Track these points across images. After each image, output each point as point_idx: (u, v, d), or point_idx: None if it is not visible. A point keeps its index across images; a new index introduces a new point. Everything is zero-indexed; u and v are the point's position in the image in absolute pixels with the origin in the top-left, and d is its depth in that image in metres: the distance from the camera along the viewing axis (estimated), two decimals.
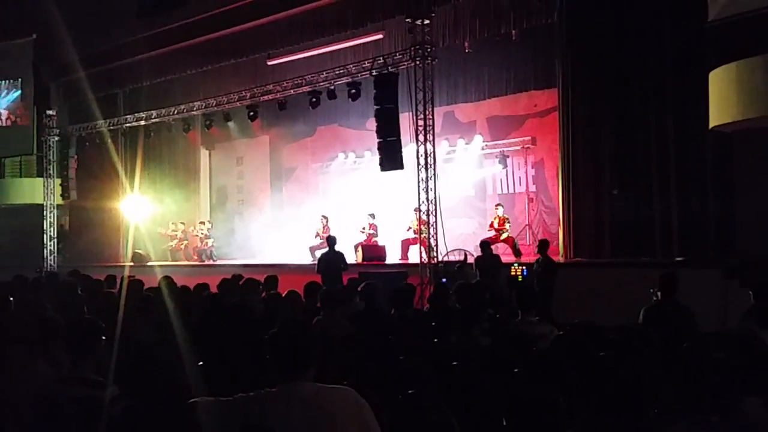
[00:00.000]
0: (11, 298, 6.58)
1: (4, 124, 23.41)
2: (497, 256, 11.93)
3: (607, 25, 12.28)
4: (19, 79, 23.04)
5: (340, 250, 12.02)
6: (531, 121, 15.92)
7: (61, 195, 19.38)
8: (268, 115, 17.53)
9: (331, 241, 12.11)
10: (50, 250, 19.54)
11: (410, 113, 12.86)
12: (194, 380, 3.79)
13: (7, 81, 23.31)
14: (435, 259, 12.64)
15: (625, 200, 12.06)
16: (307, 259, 15.78)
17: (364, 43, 14.87)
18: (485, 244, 11.90)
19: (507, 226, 14.27)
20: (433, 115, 12.85)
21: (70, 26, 18.79)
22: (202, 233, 18.37)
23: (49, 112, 19.80)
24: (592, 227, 12.47)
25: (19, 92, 23.13)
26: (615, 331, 4.51)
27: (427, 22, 12.61)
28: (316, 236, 16.13)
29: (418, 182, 12.80)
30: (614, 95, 12.26)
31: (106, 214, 19.90)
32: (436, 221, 12.77)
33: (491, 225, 14.59)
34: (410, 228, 14.64)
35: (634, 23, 11.96)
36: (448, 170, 16.19)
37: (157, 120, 17.76)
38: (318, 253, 15.90)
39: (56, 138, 19.52)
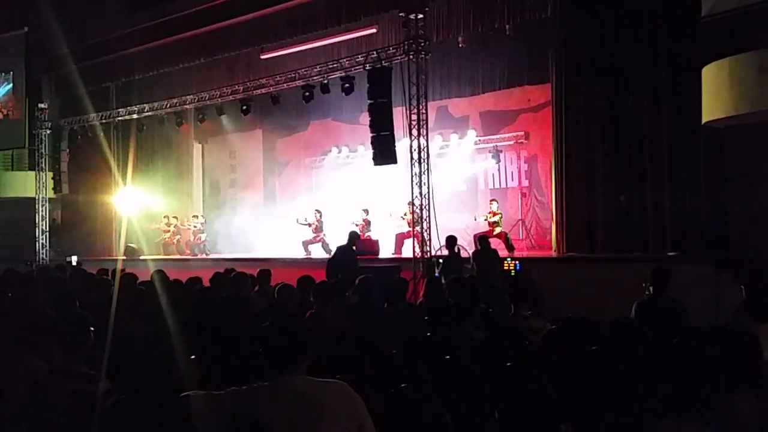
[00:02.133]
0: (6, 293, 6.56)
1: None
2: (495, 251, 11.92)
3: (600, 21, 12.28)
4: (11, 72, 22.94)
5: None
6: (524, 116, 15.90)
7: (53, 188, 19.32)
8: (261, 109, 17.46)
9: (352, 236, 12.04)
10: (42, 243, 19.46)
11: (404, 108, 12.85)
12: (186, 374, 3.79)
13: None
14: (428, 253, 12.65)
15: (618, 195, 12.08)
16: (299, 253, 15.76)
17: (357, 38, 14.87)
18: (483, 239, 11.89)
19: (498, 219, 14.21)
20: (426, 110, 12.86)
21: (62, 19, 18.71)
22: (194, 227, 18.34)
23: (41, 106, 19.65)
24: (584, 222, 12.50)
25: (11, 85, 23.03)
26: (607, 326, 4.50)
27: (420, 16, 12.59)
28: (304, 222, 16.15)
29: (412, 177, 12.79)
30: (607, 90, 12.26)
31: (99, 208, 19.85)
32: (429, 216, 12.78)
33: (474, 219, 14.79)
34: (404, 217, 14.58)
35: (627, 19, 11.97)
36: (441, 165, 16.16)
37: (149, 113, 17.68)
38: (311, 248, 15.93)
39: (48, 131, 19.41)
